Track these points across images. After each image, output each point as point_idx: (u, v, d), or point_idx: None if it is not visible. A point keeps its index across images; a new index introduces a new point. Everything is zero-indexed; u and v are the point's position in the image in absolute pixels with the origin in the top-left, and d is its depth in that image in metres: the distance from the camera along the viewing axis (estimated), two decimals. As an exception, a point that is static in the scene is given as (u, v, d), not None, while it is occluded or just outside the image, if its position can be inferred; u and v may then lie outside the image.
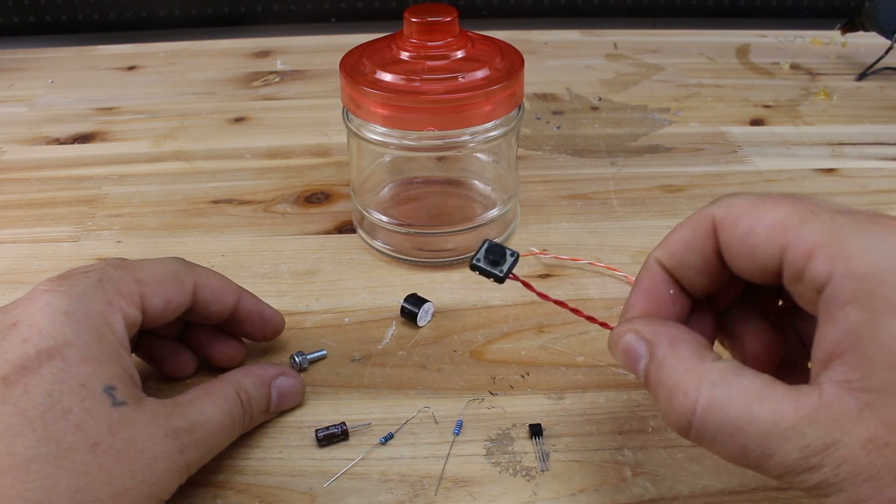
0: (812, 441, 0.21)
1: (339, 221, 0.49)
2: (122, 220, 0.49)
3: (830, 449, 0.21)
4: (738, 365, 0.24)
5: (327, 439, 0.33)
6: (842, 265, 0.22)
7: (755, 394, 0.22)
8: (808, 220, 0.23)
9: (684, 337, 0.25)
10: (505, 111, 0.41)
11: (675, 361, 0.24)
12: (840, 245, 0.22)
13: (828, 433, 0.21)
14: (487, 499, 0.31)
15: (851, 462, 0.21)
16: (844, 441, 0.21)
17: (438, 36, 0.41)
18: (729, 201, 0.26)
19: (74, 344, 0.27)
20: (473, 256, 0.31)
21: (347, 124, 0.43)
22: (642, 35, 0.79)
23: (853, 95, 0.66)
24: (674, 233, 0.28)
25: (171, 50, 0.76)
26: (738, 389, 0.23)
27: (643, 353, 0.26)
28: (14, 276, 0.44)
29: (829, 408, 0.21)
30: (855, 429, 0.21)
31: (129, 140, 0.59)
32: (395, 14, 0.44)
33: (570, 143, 0.58)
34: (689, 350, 0.25)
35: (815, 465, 0.21)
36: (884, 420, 0.20)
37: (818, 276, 0.22)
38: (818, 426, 0.21)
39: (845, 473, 0.21)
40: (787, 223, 0.23)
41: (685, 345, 0.25)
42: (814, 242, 0.22)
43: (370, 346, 0.39)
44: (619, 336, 0.27)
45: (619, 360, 0.27)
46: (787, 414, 0.22)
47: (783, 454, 0.22)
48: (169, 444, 0.27)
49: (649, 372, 0.25)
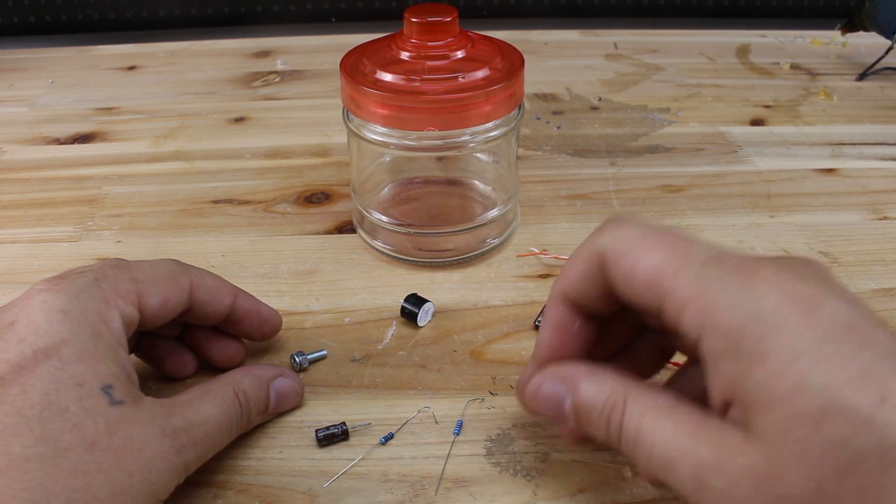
0: (703, 459, 0.23)
1: (339, 221, 0.49)
2: (122, 220, 0.49)
3: (718, 470, 0.22)
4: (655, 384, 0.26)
5: (327, 439, 0.33)
6: (709, 321, 0.23)
7: (664, 408, 0.25)
8: (679, 271, 0.24)
9: (600, 369, 0.27)
10: (505, 111, 0.41)
11: (601, 387, 0.26)
12: (707, 300, 0.23)
13: (716, 455, 0.23)
14: (487, 499, 0.31)
15: (738, 487, 0.22)
16: (730, 466, 0.22)
17: (438, 36, 0.41)
18: (615, 234, 0.26)
19: (71, 343, 0.27)
20: (535, 319, 0.40)
21: (347, 124, 0.43)
22: (642, 35, 0.79)
23: (853, 95, 0.66)
24: (571, 264, 0.28)
25: (171, 50, 0.76)
26: (652, 401, 0.25)
27: (567, 391, 0.27)
28: (14, 276, 0.44)
29: (720, 434, 0.23)
30: (739, 458, 0.22)
31: (129, 140, 0.59)
32: (395, 14, 0.44)
33: (570, 143, 0.58)
34: (609, 375, 0.27)
35: (707, 483, 0.23)
36: (763, 454, 0.21)
37: (692, 331, 0.24)
38: (709, 448, 0.23)
39: (735, 498, 0.22)
40: (662, 271, 0.25)
41: (604, 372, 0.27)
42: (685, 297, 0.24)
43: (370, 346, 0.39)
44: (537, 386, 0.28)
45: (537, 408, 0.28)
46: (687, 429, 0.24)
47: (681, 467, 0.23)
48: (167, 443, 0.27)
49: (578, 405, 0.27)
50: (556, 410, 0.28)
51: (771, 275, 0.23)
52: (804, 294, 0.23)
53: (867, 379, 0.21)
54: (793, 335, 0.22)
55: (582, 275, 0.28)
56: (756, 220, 0.48)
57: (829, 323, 0.22)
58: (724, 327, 0.23)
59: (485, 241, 0.45)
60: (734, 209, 0.50)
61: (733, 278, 0.23)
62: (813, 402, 0.21)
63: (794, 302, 0.22)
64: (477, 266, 0.44)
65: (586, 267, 0.27)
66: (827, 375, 0.21)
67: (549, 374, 0.28)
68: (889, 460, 0.20)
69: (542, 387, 0.28)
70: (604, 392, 0.26)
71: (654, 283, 0.25)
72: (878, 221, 0.48)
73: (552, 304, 0.29)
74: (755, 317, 0.22)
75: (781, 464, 0.21)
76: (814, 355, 0.21)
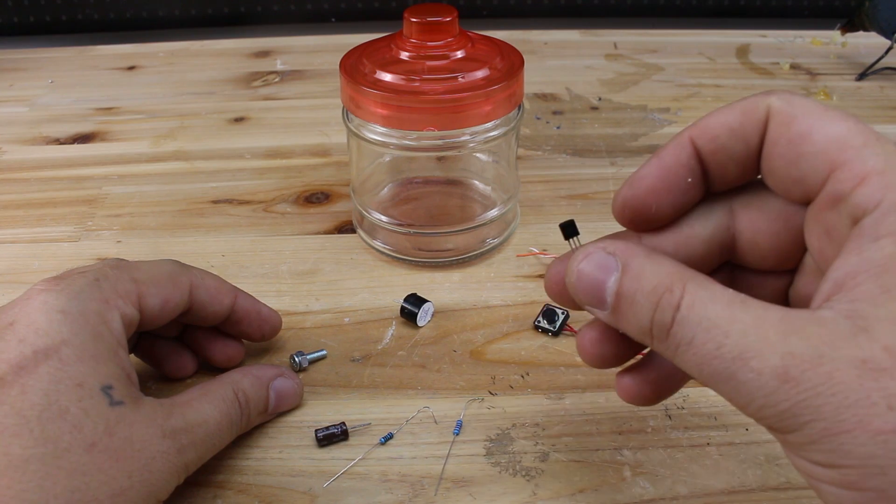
0: (796, 350, 0.19)
1: (339, 221, 0.49)
2: (121, 220, 0.49)
3: (816, 361, 0.19)
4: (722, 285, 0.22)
5: (327, 439, 0.33)
6: (892, 197, 0.20)
7: (739, 300, 0.21)
8: (870, 144, 0.21)
9: (659, 253, 0.23)
10: (505, 111, 0.41)
11: (655, 268, 0.22)
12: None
13: (815, 347, 0.19)
14: (487, 499, 0.31)
15: (838, 381, 0.18)
16: (834, 356, 0.19)
17: (438, 36, 0.41)
18: (790, 97, 0.23)
19: (71, 343, 0.27)
20: (535, 319, 0.40)
21: (347, 124, 0.43)
22: (642, 35, 0.79)
23: (853, 95, 0.66)
24: (716, 115, 0.24)
25: (171, 50, 0.76)
26: (723, 293, 0.21)
27: (614, 267, 0.23)
28: (14, 276, 0.44)
29: (821, 324, 0.19)
30: (848, 348, 0.19)
31: (129, 140, 0.59)
32: (395, 14, 0.44)
33: (570, 143, 0.58)
34: (667, 259, 0.23)
35: (795, 378, 0.19)
36: (884, 344, 0.18)
37: (864, 203, 0.20)
38: (805, 339, 0.19)
39: (828, 394, 0.18)
40: (848, 141, 0.21)
41: (662, 256, 0.23)
42: (871, 168, 0.21)
43: (370, 346, 0.39)
44: (584, 256, 0.23)
45: (577, 285, 0.23)
46: (773, 321, 0.20)
47: (761, 359, 0.19)
48: (167, 444, 0.27)
49: (623, 285, 0.22)
50: (595, 290, 0.23)
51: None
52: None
53: None
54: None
55: (731, 127, 0.23)
56: (756, 220, 0.48)
57: None
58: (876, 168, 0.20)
59: (485, 241, 0.45)
60: (734, 209, 0.49)
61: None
62: None
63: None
64: (477, 266, 0.44)
65: (741, 119, 0.23)
66: None
67: (598, 246, 0.23)
68: None
69: (588, 260, 0.23)
70: (659, 273, 0.22)
71: (831, 151, 0.21)
72: (878, 221, 0.48)
73: (674, 145, 0.25)
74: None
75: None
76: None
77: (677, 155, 0.24)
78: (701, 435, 0.33)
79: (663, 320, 0.21)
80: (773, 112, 0.23)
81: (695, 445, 0.33)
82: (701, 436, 0.33)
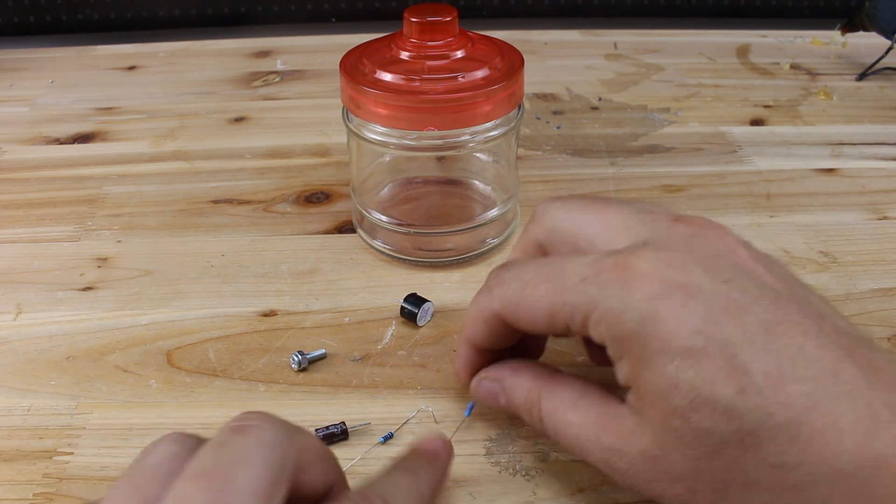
0: (606, 444, 0.26)
1: (339, 221, 0.49)
2: (121, 219, 0.49)
3: (619, 454, 0.26)
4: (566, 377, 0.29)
5: (327, 439, 0.33)
6: (606, 332, 0.26)
7: (571, 402, 0.28)
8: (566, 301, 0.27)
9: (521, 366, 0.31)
10: (505, 111, 0.41)
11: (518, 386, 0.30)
12: (598, 316, 0.26)
13: (615, 441, 0.26)
14: (487, 498, 0.31)
15: (636, 466, 0.26)
16: (627, 450, 0.26)
17: (438, 36, 0.41)
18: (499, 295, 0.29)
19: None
20: None
21: (347, 124, 0.43)
22: (642, 35, 0.79)
23: (853, 95, 0.66)
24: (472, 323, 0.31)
25: (171, 50, 0.76)
26: (560, 398, 0.29)
27: (497, 390, 0.31)
28: (14, 275, 0.44)
29: (619, 421, 0.26)
30: (634, 442, 0.26)
31: (129, 140, 0.59)
32: (395, 14, 0.44)
33: (570, 143, 0.58)
34: (527, 373, 0.30)
35: (613, 465, 0.26)
36: (651, 439, 0.25)
37: (601, 341, 0.27)
38: (610, 434, 0.27)
39: (635, 474, 0.26)
40: (554, 309, 0.27)
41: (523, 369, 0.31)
42: (581, 318, 0.27)
43: (370, 345, 0.39)
44: (476, 385, 0.32)
45: (483, 403, 0.32)
46: (590, 420, 0.27)
47: (592, 454, 0.27)
48: None
49: (507, 403, 0.31)
50: (495, 405, 0.32)
51: (646, 270, 0.26)
52: (679, 282, 0.25)
53: (731, 368, 0.24)
54: (670, 338, 0.24)
55: (484, 332, 0.31)
56: (756, 220, 0.48)
57: (705, 309, 0.24)
58: (619, 336, 0.26)
59: (484, 240, 0.45)
60: (734, 209, 0.50)
61: (613, 286, 0.26)
62: (684, 399, 0.24)
63: (670, 294, 0.25)
64: (477, 266, 0.44)
65: (486, 328, 0.31)
66: (695, 373, 0.24)
67: (481, 377, 0.32)
68: (747, 443, 0.23)
69: (481, 386, 0.32)
70: (523, 392, 0.30)
71: (554, 320, 0.27)
72: (878, 221, 0.48)
73: (463, 347, 0.32)
74: (639, 323, 0.25)
75: (665, 447, 0.25)
76: (687, 352, 0.24)
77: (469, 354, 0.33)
78: (701, 435, 0.33)
79: (537, 426, 0.29)
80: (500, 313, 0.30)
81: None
82: (701, 435, 0.33)
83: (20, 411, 0.35)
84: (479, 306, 0.31)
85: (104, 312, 0.41)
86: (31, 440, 0.34)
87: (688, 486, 0.25)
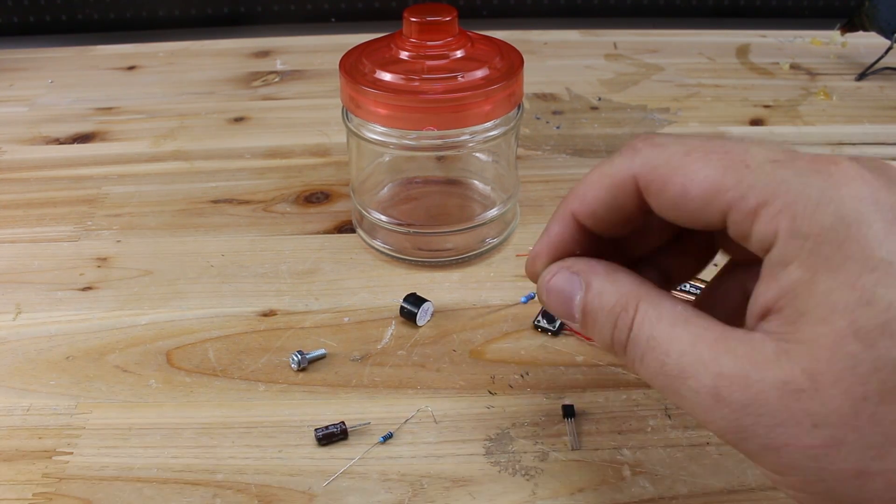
0: (726, 370, 0.21)
1: (339, 221, 0.49)
2: (121, 219, 0.49)
3: (743, 382, 0.21)
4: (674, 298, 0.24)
5: (326, 438, 0.33)
6: (786, 225, 0.21)
7: (682, 318, 0.23)
8: (744, 177, 0.22)
9: (619, 269, 0.25)
10: (504, 111, 0.41)
11: (613, 287, 0.24)
12: (783, 203, 0.21)
13: (742, 367, 0.21)
14: (487, 498, 0.31)
15: (763, 402, 0.20)
16: (758, 378, 0.20)
17: (438, 36, 0.41)
18: (648, 156, 0.24)
19: None
20: (534, 319, 0.40)
21: (347, 124, 0.43)
22: (642, 35, 0.79)
23: (853, 95, 0.66)
24: (590, 188, 0.25)
25: (171, 50, 0.76)
26: (671, 311, 0.23)
27: (578, 287, 0.25)
28: (14, 275, 0.44)
29: (749, 345, 0.21)
30: (771, 370, 0.20)
31: (128, 140, 0.59)
32: (395, 14, 0.44)
33: (570, 143, 0.58)
34: (626, 278, 0.25)
35: (725, 398, 0.21)
36: (802, 367, 0.20)
37: (765, 238, 0.21)
38: (735, 358, 0.21)
39: (756, 414, 0.20)
40: (722, 184, 0.22)
41: (622, 273, 0.25)
42: (756, 203, 0.21)
43: (370, 345, 0.39)
44: (550, 275, 0.26)
45: (548, 302, 0.26)
46: (707, 340, 0.22)
47: (697, 379, 0.21)
48: None
49: (586, 304, 0.25)
50: (564, 308, 0.26)
51: (854, 174, 0.21)
52: (888, 202, 0.21)
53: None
54: (874, 245, 0.20)
55: (603, 202, 0.25)
56: (756, 219, 0.48)
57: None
58: (803, 232, 0.20)
59: (484, 240, 0.45)
60: (734, 209, 0.49)
61: (813, 177, 0.21)
62: (876, 319, 0.19)
63: (879, 209, 0.20)
64: (476, 266, 0.44)
65: (612, 194, 0.25)
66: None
67: (562, 266, 0.26)
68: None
69: (554, 280, 0.26)
70: (616, 293, 0.24)
71: (714, 199, 0.22)
72: (878, 221, 0.48)
73: (557, 220, 0.27)
74: (840, 220, 0.20)
75: (822, 378, 0.20)
76: (890, 270, 0.20)
77: (562, 233, 0.27)
78: (700, 434, 0.33)
79: (620, 338, 0.24)
80: (641, 182, 0.24)
81: (694, 445, 0.33)
82: (700, 435, 0.33)
83: (20, 411, 0.35)
84: (608, 168, 0.25)
85: (104, 312, 0.41)
86: (31, 440, 0.34)
87: (831, 436, 0.20)
